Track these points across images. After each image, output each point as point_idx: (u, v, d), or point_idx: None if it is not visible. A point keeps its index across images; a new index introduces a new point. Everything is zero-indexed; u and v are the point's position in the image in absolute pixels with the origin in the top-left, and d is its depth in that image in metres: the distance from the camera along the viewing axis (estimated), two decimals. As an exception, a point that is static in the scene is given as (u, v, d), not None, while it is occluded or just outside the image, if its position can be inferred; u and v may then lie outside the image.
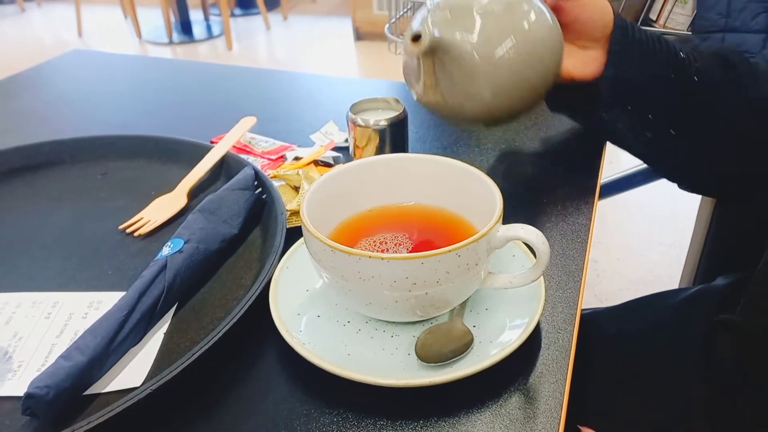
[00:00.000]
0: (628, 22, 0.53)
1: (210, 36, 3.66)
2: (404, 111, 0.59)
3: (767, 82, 0.53)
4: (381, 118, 0.57)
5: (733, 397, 0.53)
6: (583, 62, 0.54)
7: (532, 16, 0.48)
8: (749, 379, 0.53)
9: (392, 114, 0.58)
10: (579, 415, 0.56)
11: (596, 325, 0.67)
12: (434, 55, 0.47)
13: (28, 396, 0.34)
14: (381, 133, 0.57)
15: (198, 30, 3.73)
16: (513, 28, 0.47)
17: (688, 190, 0.63)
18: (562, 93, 0.55)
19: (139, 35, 3.63)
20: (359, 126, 0.58)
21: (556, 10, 0.51)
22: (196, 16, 3.81)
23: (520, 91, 0.49)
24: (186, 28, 3.71)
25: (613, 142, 0.60)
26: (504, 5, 0.48)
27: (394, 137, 0.58)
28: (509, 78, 0.48)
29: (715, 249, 0.97)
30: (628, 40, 0.52)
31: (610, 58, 0.52)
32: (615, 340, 0.65)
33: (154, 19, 3.74)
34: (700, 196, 1.00)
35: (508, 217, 0.39)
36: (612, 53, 0.52)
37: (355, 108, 0.59)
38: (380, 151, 0.58)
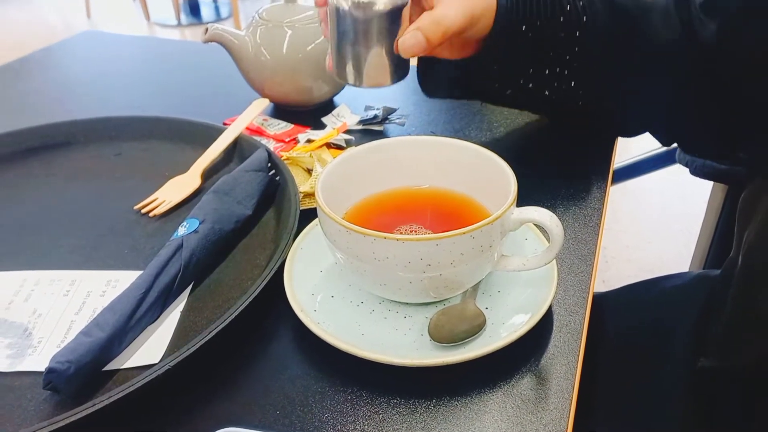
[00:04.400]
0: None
1: (218, 18, 3.65)
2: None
3: (662, 28, 0.54)
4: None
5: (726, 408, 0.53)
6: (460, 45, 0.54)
7: None
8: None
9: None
10: (589, 398, 0.57)
11: (601, 308, 0.67)
12: None
13: (50, 371, 0.35)
14: (369, 23, 0.41)
15: (206, 12, 3.72)
16: None
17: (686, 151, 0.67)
18: (439, 74, 0.57)
19: (148, 17, 3.62)
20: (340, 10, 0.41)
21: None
22: (204, -2, 3.80)
23: None
24: (194, 10, 3.70)
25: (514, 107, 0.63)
26: None
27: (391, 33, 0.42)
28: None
29: (725, 235, 0.96)
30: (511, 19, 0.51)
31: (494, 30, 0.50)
32: (618, 322, 0.66)
33: (163, 1, 3.72)
34: (710, 183, 1.00)
35: (521, 201, 0.39)
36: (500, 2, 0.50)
37: None
38: (365, 50, 0.42)
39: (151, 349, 0.39)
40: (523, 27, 0.52)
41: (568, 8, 0.53)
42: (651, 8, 0.55)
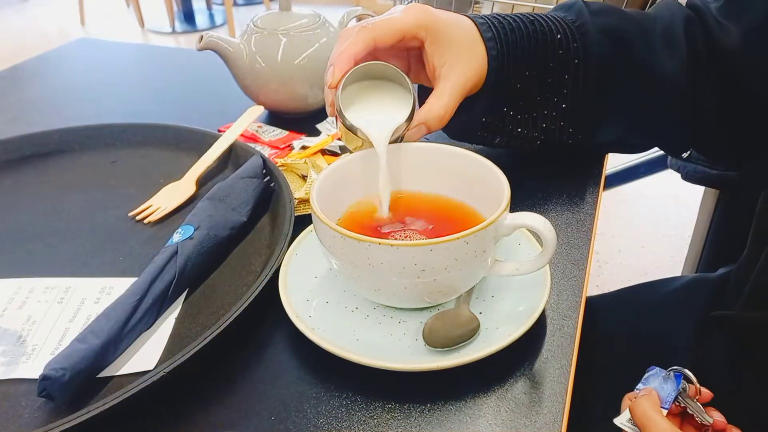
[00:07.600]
0: (496, 30, 0.50)
1: (213, 25, 3.65)
2: (414, 105, 0.46)
3: (665, 54, 0.53)
4: (382, 118, 0.45)
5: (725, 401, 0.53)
6: None
7: None
8: (742, 381, 0.52)
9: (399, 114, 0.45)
10: (583, 401, 0.57)
11: (594, 312, 0.67)
12: None
13: (44, 378, 0.35)
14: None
15: (201, 19, 3.72)
16: None
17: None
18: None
19: (142, 24, 3.62)
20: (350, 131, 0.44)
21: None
22: (198, 5, 3.79)
23: None
24: (189, 17, 3.70)
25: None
26: None
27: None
28: None
29: (717, 240, 0.97)
30: (504, 49, 0.50)
31: (490, 67, 0.50)
32: (611, 325, 0.66)
33: (157, 9, 3.73)
34: (702, 188, 1.00)
35: (514, 206, 0.40)
36: (490, 64, 0.50)
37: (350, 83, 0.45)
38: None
39: (145, 355, 0.39)
40: (512, 80, 0.51)
41: (561, 53, 0.52)
42: (651, 32, 0.53)
